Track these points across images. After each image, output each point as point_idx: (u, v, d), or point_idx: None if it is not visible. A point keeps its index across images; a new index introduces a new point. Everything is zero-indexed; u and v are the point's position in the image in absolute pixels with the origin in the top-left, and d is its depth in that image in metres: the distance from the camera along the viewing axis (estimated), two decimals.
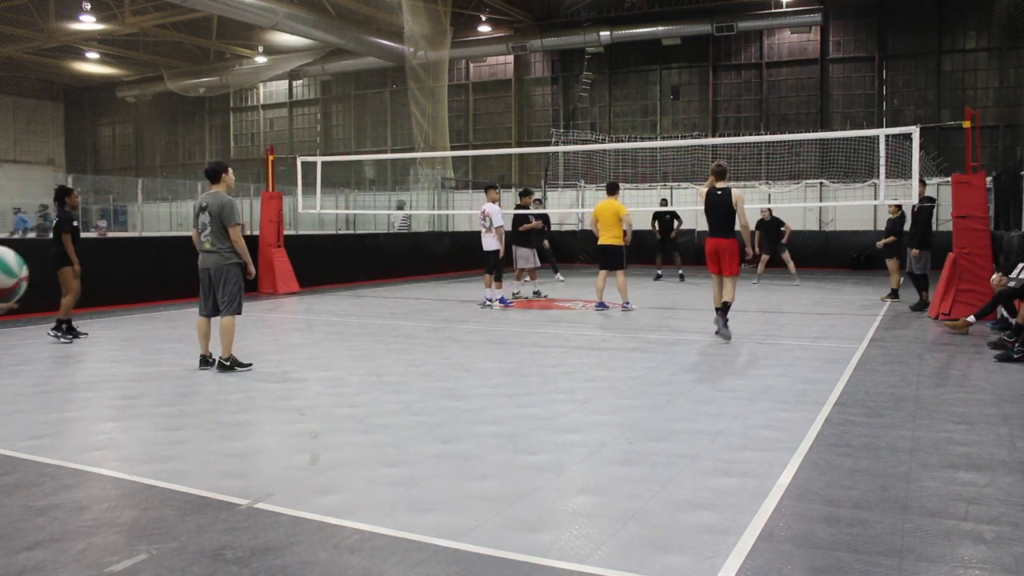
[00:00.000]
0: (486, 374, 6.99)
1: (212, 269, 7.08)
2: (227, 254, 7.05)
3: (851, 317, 11.12)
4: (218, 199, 7.04)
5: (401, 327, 10.30)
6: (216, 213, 7.00)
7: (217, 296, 7.10)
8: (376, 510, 3.67)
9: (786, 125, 24.64)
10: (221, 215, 7.00)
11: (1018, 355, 7.44)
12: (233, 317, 7.11)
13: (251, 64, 31.33)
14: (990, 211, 14.71)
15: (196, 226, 7.17)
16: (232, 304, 7.09)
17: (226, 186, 7.22)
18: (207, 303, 7.20)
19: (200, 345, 7.35)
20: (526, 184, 27.48)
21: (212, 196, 7.09)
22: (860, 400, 5.89)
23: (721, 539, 3.30)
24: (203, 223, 7.07)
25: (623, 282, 11.86)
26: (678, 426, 5.14)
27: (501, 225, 12.30)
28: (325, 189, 16.37)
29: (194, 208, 7.26)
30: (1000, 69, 22.77)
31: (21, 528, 3.45)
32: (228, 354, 7.12)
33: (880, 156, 11.18)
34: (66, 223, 8.82)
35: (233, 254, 7.07)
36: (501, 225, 12.30)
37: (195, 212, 7.19)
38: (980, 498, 3.79)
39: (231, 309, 7.09)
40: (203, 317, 7.28)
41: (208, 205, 7.04)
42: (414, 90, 25.07)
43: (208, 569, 3.04)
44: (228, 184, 7.25)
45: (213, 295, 7.14)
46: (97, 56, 31.77)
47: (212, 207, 7.02)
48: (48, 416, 5.50)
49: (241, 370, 7.12)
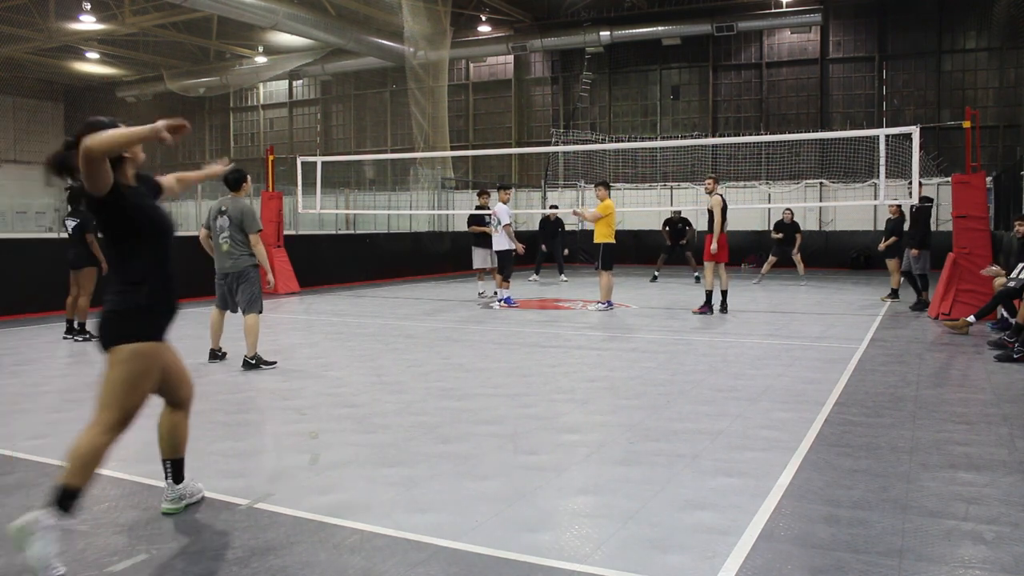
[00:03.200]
0: (486, 374, 6.99)
1: (231, 272, 7.27)
2: (245, 256, 7.23)
3: (851, 317, 11.12)
4: (238, 204, 7.24)
5: (401, 327, 10.30)
6: (237, 219, 7.18)
7: (236, 297, 7.30)
8: (376, 510, 3.67)
9: (786, 125, 24.63)
10: (243, 222, 7.18)
11: (1018, 355, 7.44)
12: (257, 316, 7.28)
13: (251, 64, 31.30)
14: (990, 211, 14.72)
15: (211, 228, 7.32)
16: (254, 303, 7.27)
17: (244, 194, 7.40)
18: (223, 300, 7.40)
19: (211, 339, 7.59)
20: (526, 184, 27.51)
21: (232, 201, 7.27)
22: (860, 400, 5.89)
23: (721, 539, 3.30)
24: (221, 226, 7.25)
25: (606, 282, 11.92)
26: (678, 426, 5.14)
27: (508, 224, 12.32)
28: (325, 189, 16.38)
29: (210, 211, 7.42)
30: (1000, 69, 22.76)
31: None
32: (253, 352, 7.28)
33: (880, 156, 11.19)
34: (89, 223, 8.90)
35: (249, 256, 7.23)
36: (508, 224, 12.32)
37: (211, 215, 7.35)
38: (980, 498, 3.79)
39: (253, 308, 7.27)
40: (218, 309, 7.49)
41: (227, 209, 7.22)
42: (414, 90, 25.05)
43: (208, 569, 3.04)
44: (246, 192, 7.44)
45: (231, 294, 7.33)
46: (97, 56, 31.74)
47: (232, 212, 7.21)
48: (48, 416, 5.51)
49: (267, 368, 7.26)
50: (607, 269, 11.79)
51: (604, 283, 11.87)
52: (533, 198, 26.37)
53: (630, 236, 22.82)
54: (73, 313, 9.08)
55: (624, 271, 20.25)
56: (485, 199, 14.41)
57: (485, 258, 13.77)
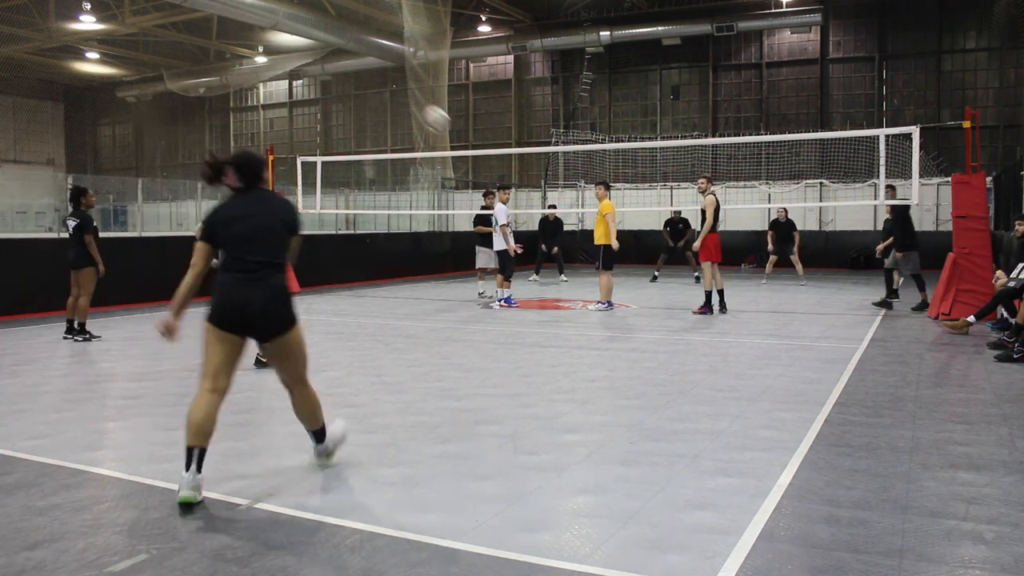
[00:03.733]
0: (486, 374, 6.99)
1: None
2: None
3: (851, 317, 11.12)
4: None
5: (401, 327, 10.30)
6: None
7: None
8: (376, 510, 3.67)
9: (786, 125, 24.62)
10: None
11: (1018, 355, 7.44)
12: None
13: (251, 64, 31.30)
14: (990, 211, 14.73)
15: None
16: None
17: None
18: None
19: None
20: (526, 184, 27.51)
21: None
22: (860, 400, 5.89)
23: (721, 539, 3.30)
24: None
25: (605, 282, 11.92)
26: (678, 426, 5.14)
27: (505, 224, 12.32)
28: (325, 189, 16.37)
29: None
30: (1000, 69, 22.76)
31: (21, 528, 3.45)
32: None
33: (880, 156, 11.19)
34: (88, 224, 8.94)
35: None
36: (505, 224, 12.32)
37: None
38: (980, 498, 3.79)
39: None
40: None
41: None
42: (414, 90, 25.04)
43: (208, 569, 3.04)
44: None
45: None
46: (97, 56, 31.74)
47: None
48: (48, 416, 5.51)
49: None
50: (607, 269, 11.81)
51: (604, 283, 11.88)
52: (533, 198, 26.37)
53: (630, 236, 22.81)
54: (73, 313, 9.08)
55: (624, 271, 20.25)
56: (491, 199, 14.36)
57: (489, 258, 13.74)
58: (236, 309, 3.87)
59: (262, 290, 3.88)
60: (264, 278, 3.90)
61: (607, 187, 12.07)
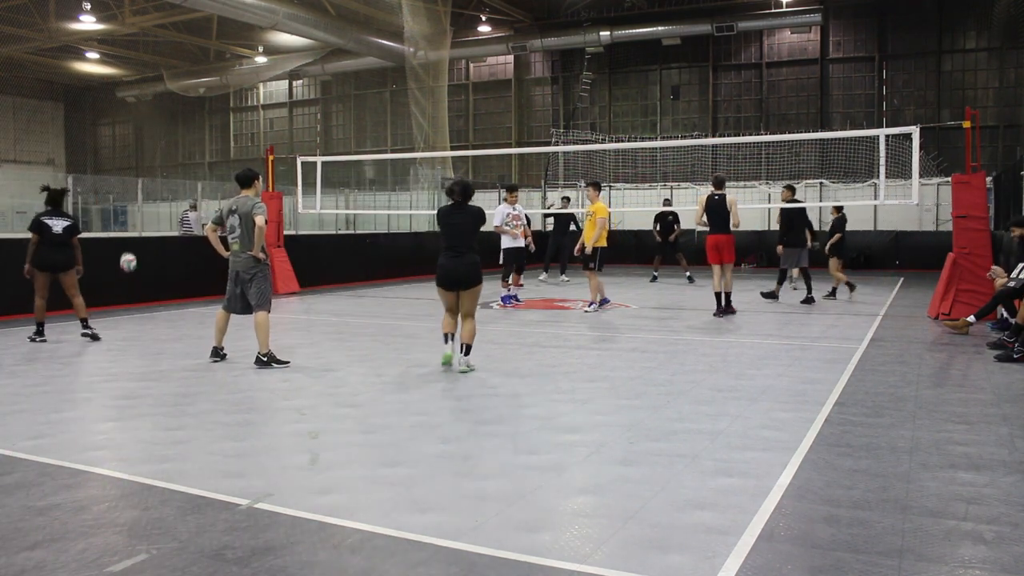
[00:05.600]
0: (486, 374, 6.99)
1: (242, 270, 7.36)
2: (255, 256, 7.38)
3: (851, 317, 11.12)
4: (248, 202, 7.32)
5: (401, 327, 10.30)
6: (247, 216, 7.28)
7: (248, 295, 7.38)
8: (376, 510, 3.67)
9: (786, 125, 24.62)
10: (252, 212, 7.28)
11: (1018, 355, 7.44)
12: (266, 313, 7.35)
13: (251, 64, 31.30)
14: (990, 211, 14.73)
15: (221, 226, 7.42)
16: (264, 301, 7.36)
17: (254, 192, 7.49)
18: (232, 301, 7.48)
19: (215, 337, 7.64)
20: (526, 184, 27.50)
21: (242, 200, 7.36)
22: (860, 400, 5.89)
23: (721, 539, 3.30)
24: (232, 225, 7.35)
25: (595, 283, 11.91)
26: (678, 426, 5.15)
27: (498, 225, 12.32)
28: (325, 189, 16.37)
29: (222, 210, 7.47)
30: (1000, 69, 22.76)
31: (21, 528, 3.45)
32: (266, 349, 7.32)
33: (880, 156, 11.19)
34: (78, 225, 9.03)
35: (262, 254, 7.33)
36: (498, 225, 12.32)
37: (223, 214, 7.43)
38: (980, 498, 3.79)
39: (263, 306, 7.35)
40: (224, 311, 7.56)
41: (238, 208, 7.32)
42: (414, 90, 25.05)
43: (208, 569, 3.04)
44: (256, 192, 7.53)
45: (242, 294, 7.42)
46: (97, 56, 31.74)
47: (242, 210, 7.29)
48: (48, 416, 5.51)
49: (278, 367, 7.28)
50: (598, 270, 11.78)
51: (594, 284, 11.85)
52: (533, 198, 26.35)
53: (630, 236, 22.82)
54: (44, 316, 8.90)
55: (624, 271, 20.26)
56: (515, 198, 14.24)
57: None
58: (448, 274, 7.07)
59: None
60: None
61: (597, 188, 12.03)
